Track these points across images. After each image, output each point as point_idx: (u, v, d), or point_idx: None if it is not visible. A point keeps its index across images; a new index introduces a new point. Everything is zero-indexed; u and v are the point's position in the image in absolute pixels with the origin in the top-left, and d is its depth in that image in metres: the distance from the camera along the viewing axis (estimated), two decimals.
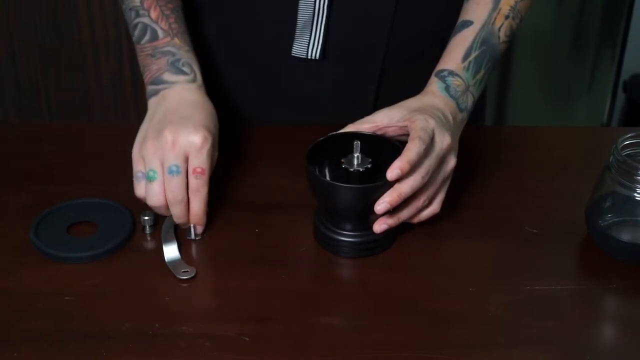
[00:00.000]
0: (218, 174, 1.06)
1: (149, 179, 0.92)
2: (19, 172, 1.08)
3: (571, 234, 0.99)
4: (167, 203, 0.93)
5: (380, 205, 0.89)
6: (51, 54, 2.25)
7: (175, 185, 0.92)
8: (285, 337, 0.84)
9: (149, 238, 0.97)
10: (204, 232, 0.97)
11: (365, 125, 0.96)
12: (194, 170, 0.92)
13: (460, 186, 1.05)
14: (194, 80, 1.00)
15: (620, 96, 2.52)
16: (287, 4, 1.07)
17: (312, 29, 1.08)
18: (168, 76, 0.99)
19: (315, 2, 1.06)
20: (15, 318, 0.86)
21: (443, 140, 0.93)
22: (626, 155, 0.92)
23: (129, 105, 2.29)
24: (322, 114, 1.16)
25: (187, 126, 0.93)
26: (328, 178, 0.95)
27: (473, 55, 1.01)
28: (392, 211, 0.91)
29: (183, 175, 0.92)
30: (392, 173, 0.88)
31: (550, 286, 0.91)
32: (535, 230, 0.99)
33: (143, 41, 1.02)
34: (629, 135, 0.94)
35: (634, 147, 0.94)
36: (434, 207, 0.95)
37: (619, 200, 0.94)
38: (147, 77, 1.01)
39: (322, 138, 0.95)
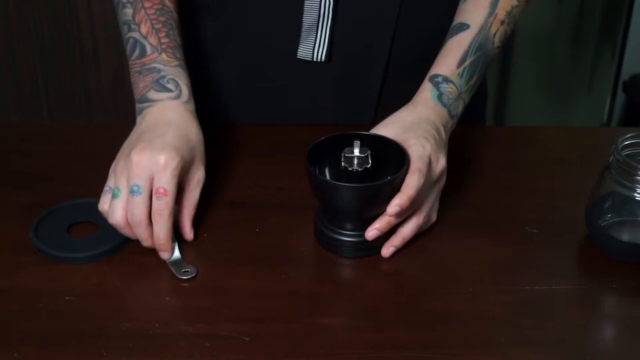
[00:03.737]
0: (218, 174, 1.06)
1: (114, 195, 0.91)
2: (19, 172, 1.08)
3: (571, 234, 0.98)
4: (127, 223, 0.91)
5: (371, 232, 0.92)
6: (51, 54, 2.25)
7: (134, 206, 0.89)
8: (285, 337, 0.84)
9: None
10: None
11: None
12: (156, 190, 0.89)
13: (460, 186, 1.05)
14: (178, 97, 0.97)
15: (620, 96, 2.52)
16: (292, 6, 1.07)
17: (317, 32, 1.08)
18: (152, 94, 0.98)
19: (320, 4, 1.06)
20: (16, 318, 0.86)
21: (438, 164, 0.94)
22: (626, 155, 0.92)
23: (129, 105, 2.28)
24: (324, 115, 1.16)
25: (153, 146, 0.91)
26: (328, 178, 0.95)
27: (468, 61, 1.01)
28: (394, 232, 0.94)
29: (144, 196, 0.89)
30: (392, 209, 0.90)
31: (550, 286, 0.91)
32: (535, 230, 0.99)
33: (133, 57, 1.01)
34: (629, 135, 0.94)
35: (634, 147, 0.94)
36: (432, 218, 0.97)
37: (619, 200, 0.94)
38: (135, 95, 1.00)
39: (322, 138, 0.95)
